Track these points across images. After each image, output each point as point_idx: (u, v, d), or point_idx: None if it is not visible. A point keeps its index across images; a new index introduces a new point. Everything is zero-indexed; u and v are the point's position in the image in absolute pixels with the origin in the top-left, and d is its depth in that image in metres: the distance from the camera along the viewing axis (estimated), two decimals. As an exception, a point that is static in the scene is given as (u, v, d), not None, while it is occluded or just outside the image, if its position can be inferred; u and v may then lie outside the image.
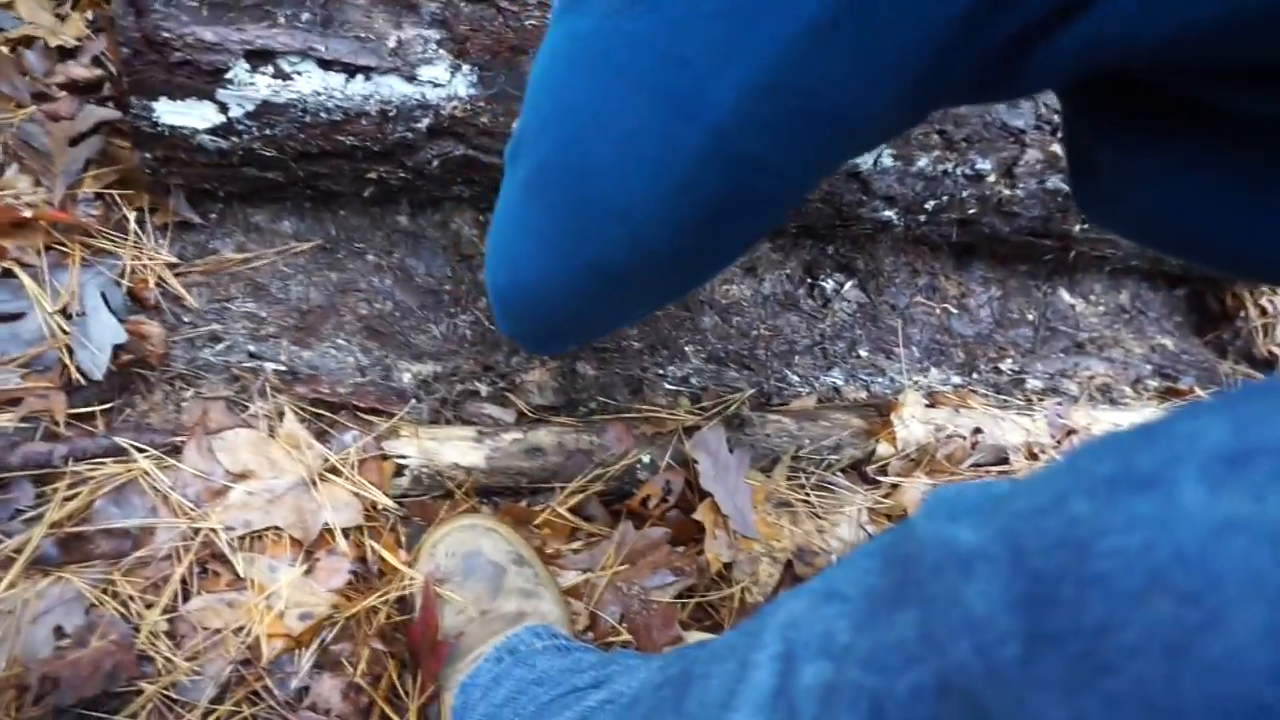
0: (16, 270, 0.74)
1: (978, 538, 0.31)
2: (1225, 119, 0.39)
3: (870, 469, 0.98)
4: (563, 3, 0.46)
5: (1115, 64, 0.36)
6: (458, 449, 0.86)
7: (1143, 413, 1.11)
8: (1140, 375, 1.18)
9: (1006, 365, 1.13)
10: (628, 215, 0.46)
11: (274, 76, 0.76)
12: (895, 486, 0.96)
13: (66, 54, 0.82)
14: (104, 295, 0.78)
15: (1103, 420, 1.07)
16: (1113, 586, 0.25)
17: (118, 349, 0.78)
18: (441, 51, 0.79)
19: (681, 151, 0.42)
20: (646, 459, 0.89)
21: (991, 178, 1.00)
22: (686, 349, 1.02)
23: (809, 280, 1.11)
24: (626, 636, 0.80)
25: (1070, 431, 1.06)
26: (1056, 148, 0.99)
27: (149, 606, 0.69)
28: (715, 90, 0.39)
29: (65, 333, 0.75)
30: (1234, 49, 0.33)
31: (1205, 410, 0.27)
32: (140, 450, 0.75)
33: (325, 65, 0.77)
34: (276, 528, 0.77)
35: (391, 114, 0.80)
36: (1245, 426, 0.25)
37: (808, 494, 0.93)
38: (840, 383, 1.06)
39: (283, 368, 0.87)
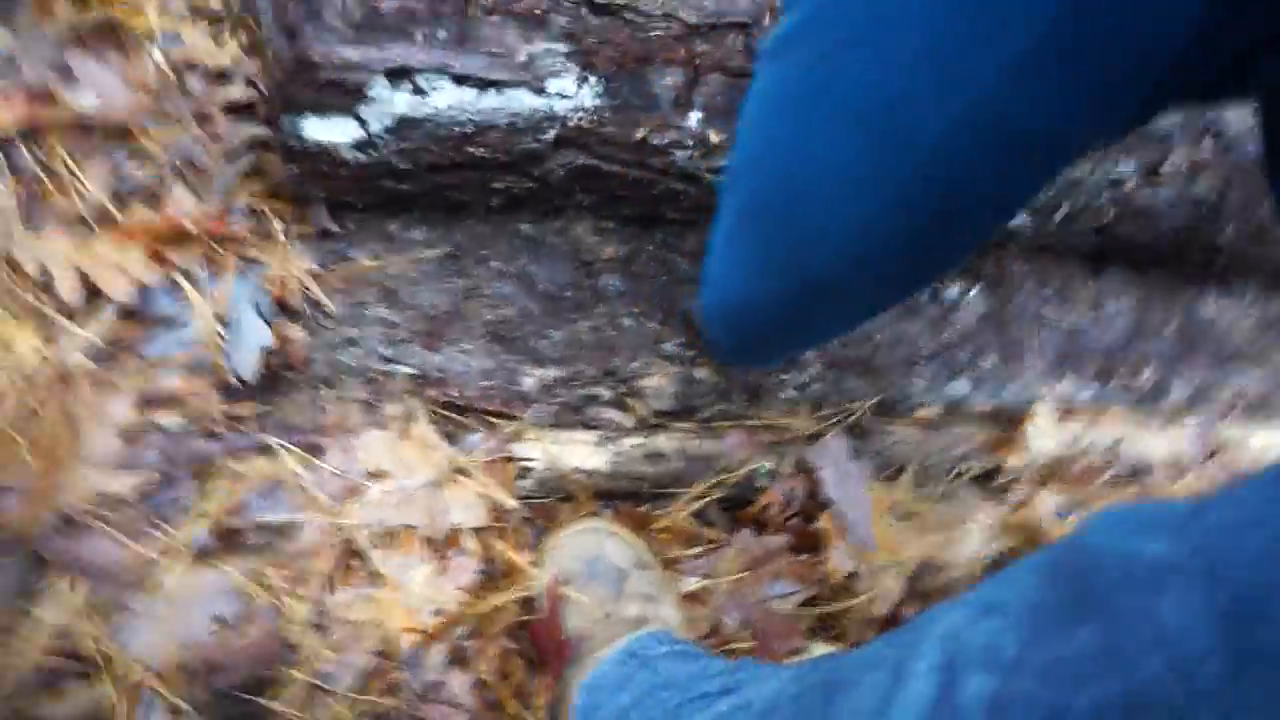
0: (179, 278, 0.80)
1: (1169, 551, 0.30)
2: None
3: (998, 482, 0.94)
4: (768, 50, 0.50)
5: None
6: (580, 453, 0.87)
7: (1301, 429, 1.03)
8: (1296, 389, 1.10)
9: (1145, 377, 1.07)
10: (835, 238, 0.50)
11: (412, 93, 0.79)
12: (1024, 501, 0.93)
13: (223, 76, 0.88)
14: (254, 302, 0.83)
15: (1256, 438, 1.00)
16: None
17: (266, 352, 0.82)
18: (570, 64, 0.81)
19: (891, 181, 0.45)
20: (767, 466, 0.89)
21: (1132, 183, 0.95)
22: (806, 355, 1.01)
23: (932, 286, 1.08)
24: (749, 644, 0.80)
25: (1217, 448, 0.99)
26: (1207, 153, 0.94)
27: (296, 598, 0.72)
28: (926, 125, 0.41)
29: (220, 337, 0.80)
30: None
31: None
32: (286, 449, 0.79)
33: (459, 80, 0.80)
34: (409, 526, 0.80)
35: (520, 126, 0.82)
36: None
37: (932, 506, 0.91)
38: (965, 392, 1.03)
39: (413, 371, 0.91)
